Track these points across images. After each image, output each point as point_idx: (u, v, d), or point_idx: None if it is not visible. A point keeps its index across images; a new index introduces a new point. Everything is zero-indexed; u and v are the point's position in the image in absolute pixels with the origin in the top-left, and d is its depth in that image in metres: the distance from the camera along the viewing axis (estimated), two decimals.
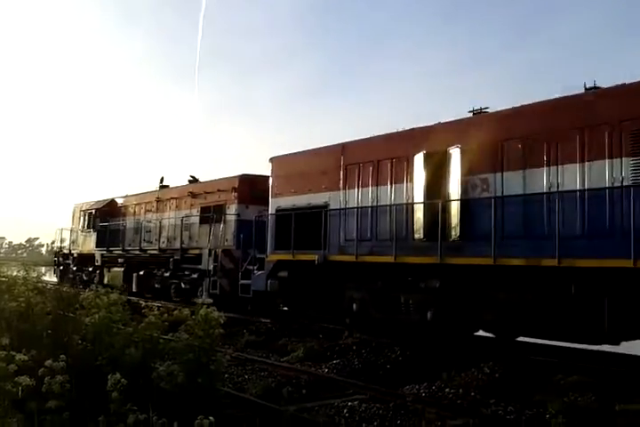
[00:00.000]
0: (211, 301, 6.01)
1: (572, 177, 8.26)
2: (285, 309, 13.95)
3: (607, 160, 7.90)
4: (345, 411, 6.74)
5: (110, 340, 5.61)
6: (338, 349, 10.46)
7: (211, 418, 3.94)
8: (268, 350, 10.94)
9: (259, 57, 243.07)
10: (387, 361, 9.46)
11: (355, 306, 11.11)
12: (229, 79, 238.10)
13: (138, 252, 20.37)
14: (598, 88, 8.65)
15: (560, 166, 8.44)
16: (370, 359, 9.63)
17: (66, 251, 26.46)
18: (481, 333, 10.42)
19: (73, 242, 25.77)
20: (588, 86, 8.70)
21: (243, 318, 13.69)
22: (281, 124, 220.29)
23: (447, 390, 7.72)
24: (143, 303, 7.76)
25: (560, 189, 8.27)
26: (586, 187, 8.05)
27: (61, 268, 27.07)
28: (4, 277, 9.24)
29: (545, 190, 8.50)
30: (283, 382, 8.03)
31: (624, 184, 7.56)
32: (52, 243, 31.57)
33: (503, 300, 8.79)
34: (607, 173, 7.87)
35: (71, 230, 26.13)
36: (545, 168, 8.59)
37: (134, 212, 21.91)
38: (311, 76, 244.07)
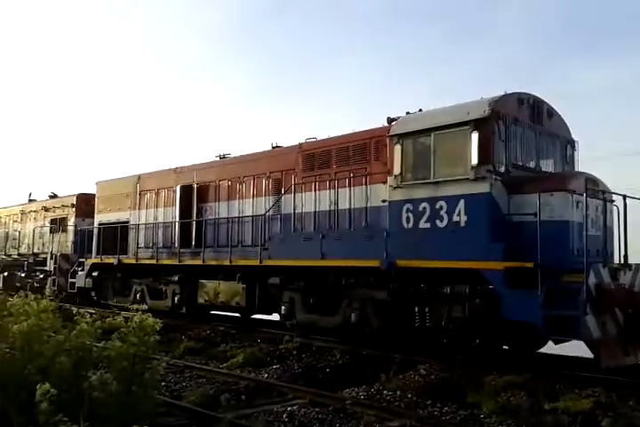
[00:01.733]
0: (146, 307, 5.91)
1: (249, 207, 12.90)
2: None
3: (263, 197, 12.54)
4: (284, 416, 6.73)
5: (40, 348, 5.42)
6: (278, 353, 10.43)
7: None
8: (208, 357, 10.77)
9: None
10: (326, 365, 9.52)
11: (133, 295, 15.67)
12: None
13: (4, 256, 24.74)
14: (279, 146, 13.02)
15: (242, 200, 13.13)
16: (310, 363, 9.68)
17: None
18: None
19: None
20: (274, 145, 13.12)
21: (180, 325, 13.57)
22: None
23: (385, 392, 7.83)
24: (75, 310, 7.60)
25: (240, 215, 13.03)
26: (253, 214, 12.62)
27: None
28: None
29: (236, 215, 13.13)
30: (222, 389, 7.97)
31: (267, 213, 12.08)
32: None
33: (208, 286, 13.51)
34: (263, 205, 12.44)
35: None
36: (237, 200, 13.27)
37: (4, 222, 26.03)
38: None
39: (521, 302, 8.03)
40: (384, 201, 9.92)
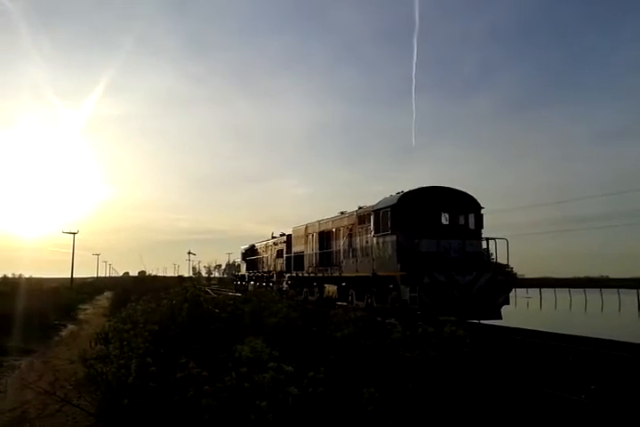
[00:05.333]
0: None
1: (341, 244, 22.55)
2: None
3: (343, 239, 22.36)
4: None
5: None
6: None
7: None
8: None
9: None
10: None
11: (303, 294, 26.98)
12: None
13: (258, 273, 39.23)
14: (347, 211, 22.99)
15: (339, 240, 22.68)
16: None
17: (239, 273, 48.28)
18: None
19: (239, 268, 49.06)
20: (348, 210, 22.87)
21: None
22: None
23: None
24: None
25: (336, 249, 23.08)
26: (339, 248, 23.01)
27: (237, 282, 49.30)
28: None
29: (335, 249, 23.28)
30: None
31: (341, 247, 22.62)
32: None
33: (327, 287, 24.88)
34: (343, 243, 22.81)
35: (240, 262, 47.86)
36: (340, 240, 22.70)
37: (259, 251, 39.55)
38: None
39: (405, 290, 16.56)
40: (369, 241, 19.50)
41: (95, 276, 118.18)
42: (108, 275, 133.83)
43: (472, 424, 6.06)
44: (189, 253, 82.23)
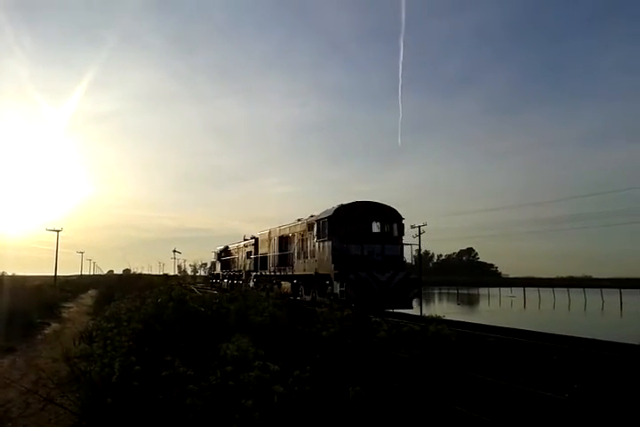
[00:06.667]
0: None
1: (294, 247, 25.65)
2: None
3: (297, 243, 25.27)
4: None
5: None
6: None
7: None
8: None
9: None
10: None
11: (265, 290, 26.78)
12: None
13: (230, 272, 42.12)
14: (301, 219, 25.30)
15: (293, 244, 25.49)
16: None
17: (214, 272, 49.87)
18: None
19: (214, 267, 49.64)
20: (300, 217, 25.40)
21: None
22: None
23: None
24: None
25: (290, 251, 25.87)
26: (292, 251, 25.63)
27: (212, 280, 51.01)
28: None
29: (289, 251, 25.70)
30: None
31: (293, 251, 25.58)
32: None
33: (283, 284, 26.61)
34: (296, 247, 25.44)
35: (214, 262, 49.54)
36: (293, 244, 25.82)
37: (232, 253, 42.07)
38: None
39: (336, 285, 19.66)
40: (314, 245, 22.25)
41: (79, 274, 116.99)
42: (92, 273, 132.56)
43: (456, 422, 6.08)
44: (175, 251, 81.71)
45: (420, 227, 65.68)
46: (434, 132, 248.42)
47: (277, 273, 27.07)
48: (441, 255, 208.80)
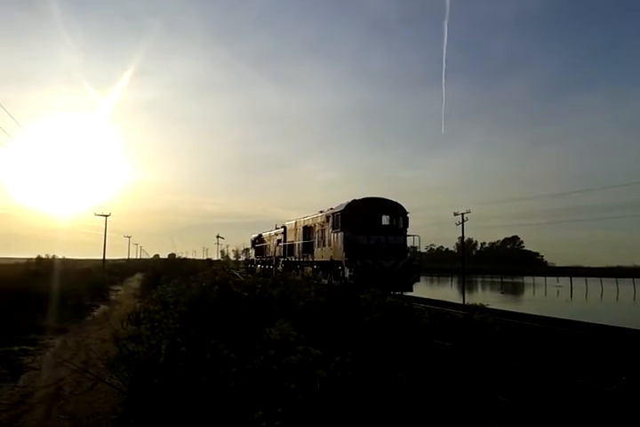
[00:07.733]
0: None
1: (316, 236, 28.43)
2: None
3: (317, 233, 28.12)
4: None
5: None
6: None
7: None
8: None
9: None
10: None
11: (293, 274, 28.11)
12: None
13: (264, 258, 44.10)
14: (322, 211, 27.89)
15: (315, 233, 28.39)
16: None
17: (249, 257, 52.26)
18: None
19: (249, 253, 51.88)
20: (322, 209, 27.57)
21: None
22: None
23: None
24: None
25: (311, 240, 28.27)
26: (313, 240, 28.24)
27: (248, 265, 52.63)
28: None
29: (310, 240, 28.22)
30: None
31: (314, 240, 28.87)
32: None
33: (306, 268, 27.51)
34: (317, 236, 28.50)
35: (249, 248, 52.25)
36: (315, 233, 28.79)
37: (266, 240, 44.39)
38: None
39: (346, 270, 22.45)
40: (330, 235, 24.81)
41: (126, 258, 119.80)
42: (138, 257, 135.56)
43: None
44: (218, 236, 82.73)
45: (462, 214, 64.58)
46: (478, 118, 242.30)
47: (302, 259, 29.34)
48: (484, 243, 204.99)
